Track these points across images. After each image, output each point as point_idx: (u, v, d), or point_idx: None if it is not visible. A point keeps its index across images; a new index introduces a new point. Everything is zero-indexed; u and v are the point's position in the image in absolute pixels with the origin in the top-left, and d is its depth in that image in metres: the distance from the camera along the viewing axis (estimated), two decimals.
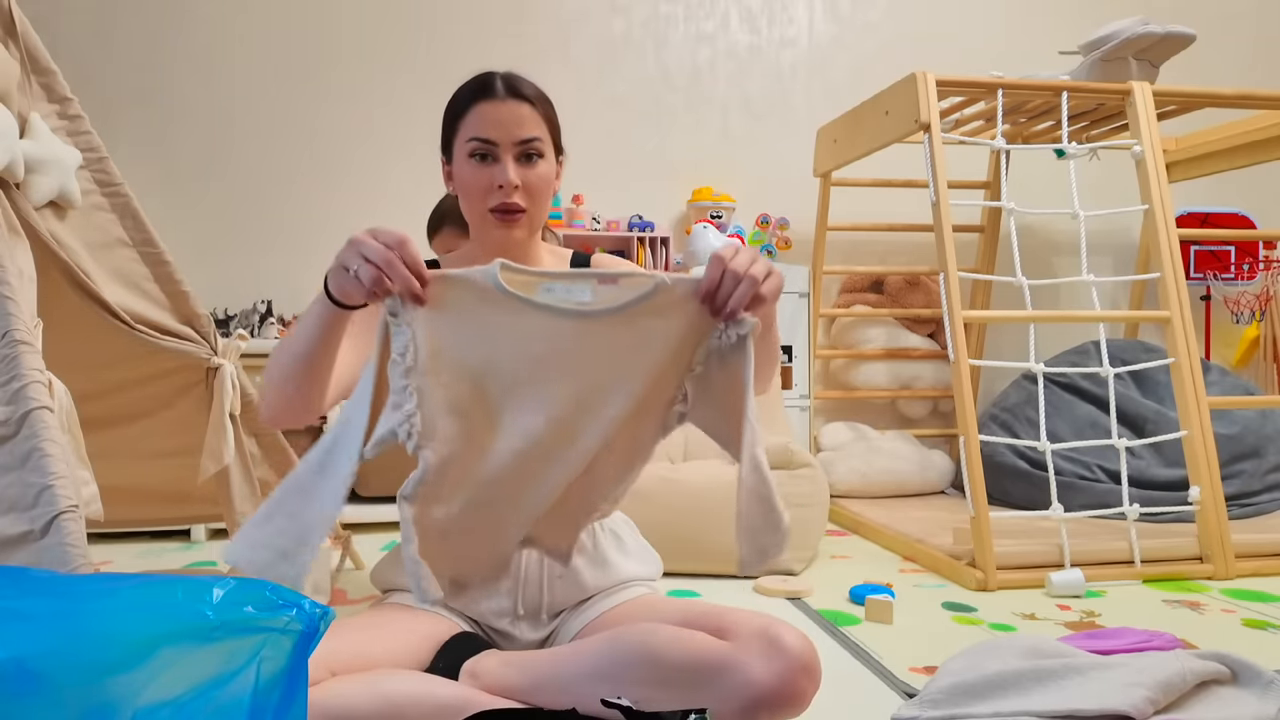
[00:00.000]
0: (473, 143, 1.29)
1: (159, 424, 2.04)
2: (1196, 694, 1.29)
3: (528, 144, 1.30)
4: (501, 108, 1.29)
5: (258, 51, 3.50)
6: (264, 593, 0.76)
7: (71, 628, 0.72)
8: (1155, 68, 2.97)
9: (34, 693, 0.69)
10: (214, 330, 1.94)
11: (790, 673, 1.09)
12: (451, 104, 1.35)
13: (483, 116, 1.29)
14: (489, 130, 1.29)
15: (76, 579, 0.81)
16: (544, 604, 1.33)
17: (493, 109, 1.29)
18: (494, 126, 1.29)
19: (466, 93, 1.32)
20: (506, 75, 1.33)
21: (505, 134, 1.29)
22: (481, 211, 1.32)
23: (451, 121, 1.34)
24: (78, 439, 1.43)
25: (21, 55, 1.61)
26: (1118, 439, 2.48)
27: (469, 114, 1.31)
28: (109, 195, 1.79)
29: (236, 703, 0.73)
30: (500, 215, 1.31)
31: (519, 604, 1.33)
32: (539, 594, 1.33)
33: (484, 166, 1.30)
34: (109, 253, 1.75)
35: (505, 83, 1.31)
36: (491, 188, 1.30)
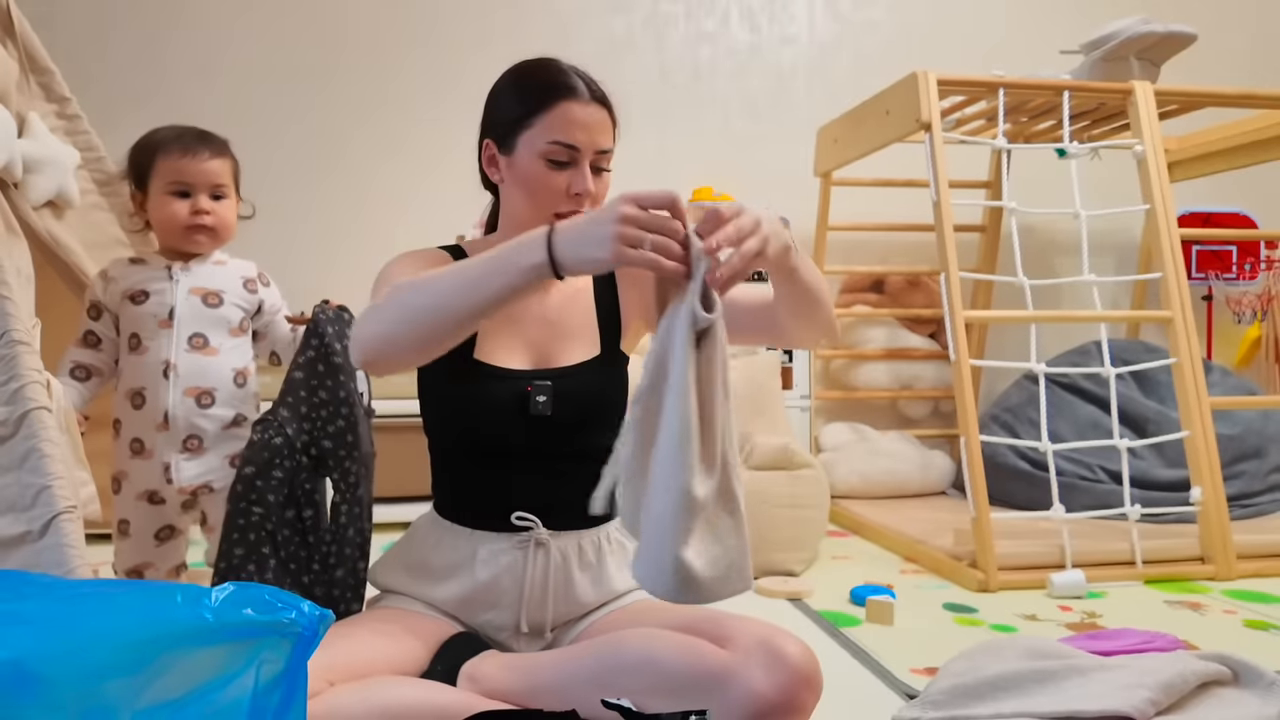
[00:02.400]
0: (554, 146, 1.23)
1: None
2: (1198, 695, 1.28)
3: (604, 155, 1.27)
4: (588, 112, 1.24)
5: (257, 51, 3.49)
6: (263, 595, 0.76)
7: (70, 630, 0.71)
8: (1157, 67, 2.96)
9: (33, 695, 0.68)
10: None
11: (792, 684, 1.07)
12: (521, 93, 1.27)
13: (569, 119, 1.23)
14: (575, 135, 1.23)
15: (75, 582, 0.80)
16: (548, 620, 1.31)
17: (580, 112, 1.24)
18: (581, 131, 1.23)
19: (546, 87, 1.25)
20: (586, 75, 1.27)
21: (590, 141, 1.24)
22: (546, 215, 1.25)
23: (523, 113, 1.26)
24: (76, 439, 1.43)
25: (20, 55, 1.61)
26: (1119, 439, 2.48)
27: (551, 112, 1.23)
28: (107, 195, 1.79)
29: (236, 705, 0.73)
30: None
31: (522, 621, 1.30)
32: (543, 609, 1.31)
33: (559, 171, 1.24)
34: (107, 252, 1.75)
35: (588, 84, 1.26)
36: (565, 194, 1.24)
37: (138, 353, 1.53)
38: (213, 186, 1.55)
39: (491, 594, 1.30)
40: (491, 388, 1.29)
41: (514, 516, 1.28)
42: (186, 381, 1.54)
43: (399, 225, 3.50)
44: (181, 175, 1.53)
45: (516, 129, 1.26)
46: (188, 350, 1.53)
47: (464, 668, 1.21)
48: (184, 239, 1.56)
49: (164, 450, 1.54)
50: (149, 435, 1.54)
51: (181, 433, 1.54)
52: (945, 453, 3.57)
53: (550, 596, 1.30)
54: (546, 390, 1.29)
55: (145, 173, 1.55)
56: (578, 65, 1.29)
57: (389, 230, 3.53)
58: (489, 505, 1.31)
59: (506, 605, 1.30)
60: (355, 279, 1.88)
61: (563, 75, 1.26)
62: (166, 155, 1.53)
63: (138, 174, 1.57)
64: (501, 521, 1.30)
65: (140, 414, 1.53)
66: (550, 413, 1.28)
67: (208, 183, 1.55)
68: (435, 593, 1.32)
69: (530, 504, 1.30)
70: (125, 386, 1.55)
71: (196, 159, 1.53)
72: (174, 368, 1.52)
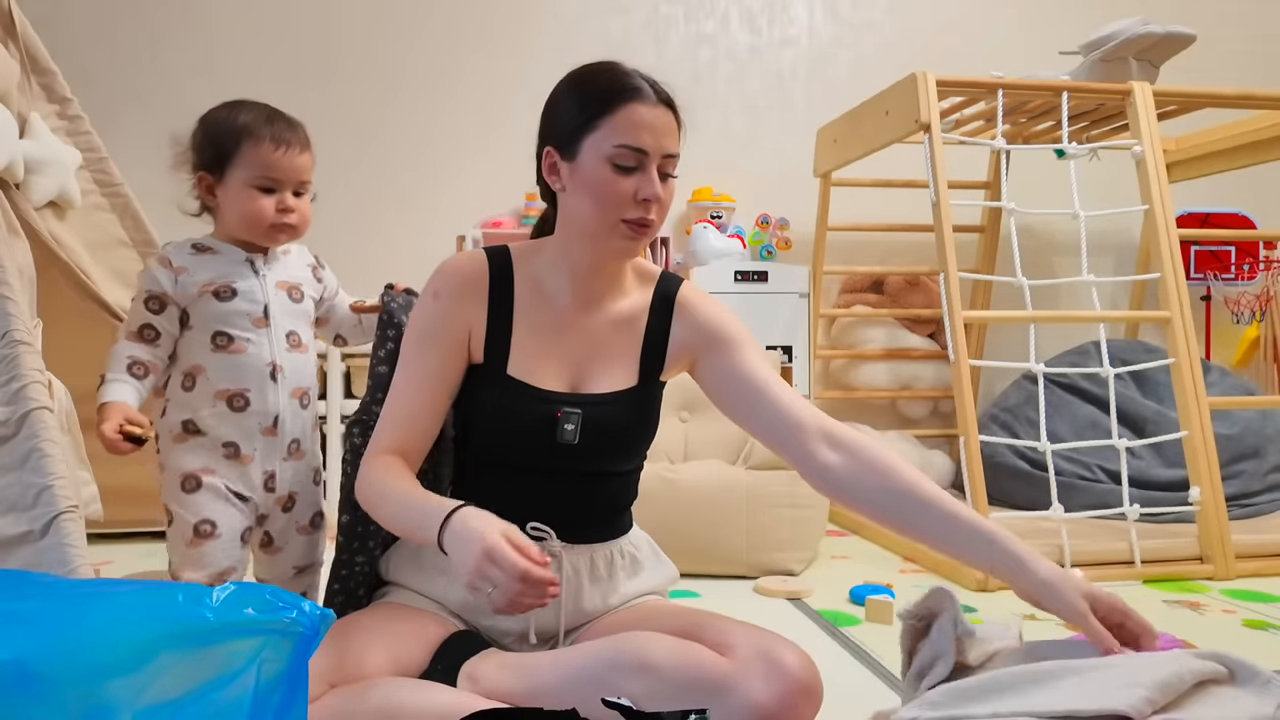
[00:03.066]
0: (621, 150, 1.19)
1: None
2: (1195, 694, 1.28)
3: (671, 160, 1.22)
4: (656, 114, 1.20)
5: (258, 51, 3.50)
6: (264, 595, 0.76)
7: (72, 630, 0.72)
8: (1155, 68, 2.97)
9: (34, 695, 0.69)
10: None
11: (791, 695, 1.07)
12: (585, 96, 1.23)
13: (636, 122, 1.19)
14: (644, 138, 1.19)
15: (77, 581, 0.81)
16: (560, 630, 1.31)
17: (648, 114, 1.20)
18: (649, 134, 1.19)
19: (611, 90, 1.21)
20: (650, 78, 1.23)
21: (657, 144, 1.20)
22: (613, 221, 1.21)
23: (588, 117, 1.21)
24: (78, 439, 1.43)
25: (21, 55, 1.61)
26: (1118, 439, 2.48)
27: (617, 114, 1.19)
28: (109, 195, 1.79)
29: (237, 704, 0.73)
30: (635, 227, 1.22)
31: (531, 631, 1.30)
32: (554, 620, 1.30)
33: (626, 176, 1.20)
34: (109, 253, 1.75)
35: (654, 86, 1.22)
36: (633, 199, 1.20)
37: (229, 351, 1.39)
38: (299, 183, 1.43)
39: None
40: (521, 406, 1.27)
41: (529, 527, 1.26)
42: (292, 383, 1.43)
43: (399, 224, 3.51)
44: (272, 171, 1.39)
45: (580, 134, 1.21)
46: (288, 350, 1.42)
47: (464, 667, 1.22)
48: (266, 236, 1.43)
49: (268, 457, 1.42)
50: (250, 440, 1.41)
51: (287, 437, 1.44)
52: (944, 452, 3.58)
53: (561, 608, 1.29)
54: (575, 419, 1.26)
55: (225, 158, 1.41)
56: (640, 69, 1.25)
57: (389, 229, 3.53)
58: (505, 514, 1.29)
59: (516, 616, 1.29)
60: (355, 278, 1.87)
61: (627, 77, 1.22)
62: (256, 145, 1.39)
63: (215, 156, 1.42)
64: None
65: (241, 417, 1.39)
66: (576, 441, 1.26)
67: (295, 179, 1.42)
68: (443, 591, 1.32)
69: (546, 516, 1.28)
70: (215, 387, 1.40)
71: (289, 153, 1.41)
72: (280, 370, 1.41)
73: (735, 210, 3.71)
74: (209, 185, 1.42)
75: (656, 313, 1.34)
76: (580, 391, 1.30)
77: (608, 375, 1.31)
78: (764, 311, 3.46)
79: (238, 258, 1.43)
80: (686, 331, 1.34)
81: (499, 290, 1.30)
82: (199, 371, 1.40)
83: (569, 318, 1.31)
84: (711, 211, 3.66)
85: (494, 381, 1.28)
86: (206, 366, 1.40)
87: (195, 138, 1.43)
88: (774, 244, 3.65)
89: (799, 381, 3.49)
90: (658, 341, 1.34)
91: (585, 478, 1.31)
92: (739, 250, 3.53)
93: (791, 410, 1.26)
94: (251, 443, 1.40)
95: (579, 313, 1.32)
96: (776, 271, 3.50)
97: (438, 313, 1.28)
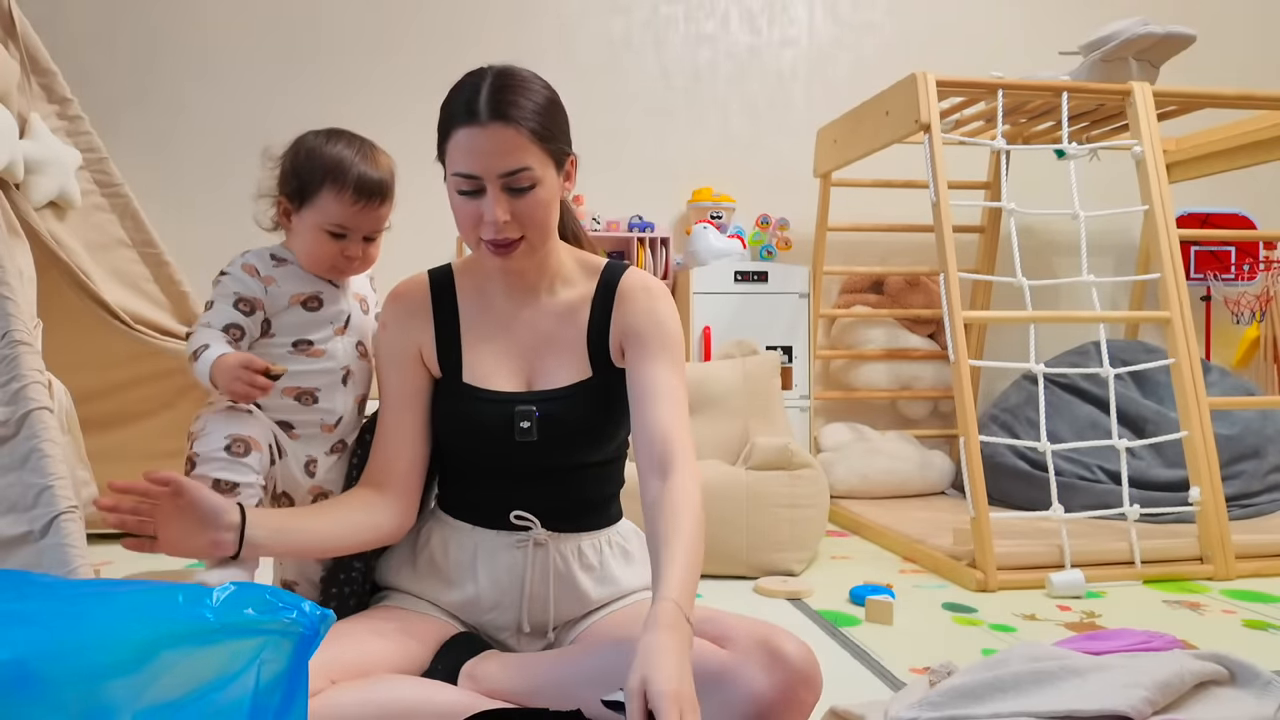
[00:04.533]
0: (456, 177, 1.19)
1: (159, 424, 2.04)
2: (1195, 694, 1.29)
3: (515, 175, 1.17)
4: (484, 136, 1.16)
5: (258, 51, 3.50)
6: (264, 595, 0.76)
7: (72, 630, 0.72)
8: (1155, 68, 2.97)
9: (34, 695, 0.69)
10: None
11: (791, 684, 1.08)
12: (440, 117, 1.23)
13: (465, 147, 1.17)
14: (471, 164, 1.17)
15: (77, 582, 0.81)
16: (550, 619, 1.32)
17: (475, 138, 1.16)
18: (477, 159, 1.17)
19: (450, 111, 1.20)
20: (495, 87, 1.17)
21: (488, 167, 1.16)
22: (474, 241, 1.24)
23: (439, 139, 1.23)
24: (78, 439, 1.43)
25: (22, 56, 1.61)
26: (1118, 439, 2.48)
27: (451, 140, 1.19)
28: (109, 196, 1.79)
29: (237, 705, 0.73)
30: (494, 247, 1.22)
31: (524, 621, 1.31)
32: (545, 609, 1.31)
33: (470, 199, 1.19)
34: (109, 253, 1.75)
35: (491, 101, 1.16)
36: (480, 222, 1.20)
37: (308, 355, 1.43)
38: (370, 231, 1.44)
39: (493, 594, 1.31)
40: (479, 410, 1.31)
41: (512, 515, 1.29)
42: (360, 388, 1.49)
43: (399, 222, 3.50)
44: (346, 223, 1.39)
45: (440, 156, 1.23)
46: (358, 357, 1.47)
47: (464, 667, 1.22)
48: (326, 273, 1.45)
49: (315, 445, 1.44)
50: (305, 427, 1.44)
51: (339, 436, 1.47)
52: (944, 453, 3.58)
53: (552, 596, 1.31)
54: (530, 416, 1.28)
55: (306, 193, 1.40)
56: (506, 69, 1.20)
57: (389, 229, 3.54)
58: (489, 506, 1.33)
59: (508, 605, 1.31)
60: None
61: (465, 97, 1.18)
62: (338, 195, 1.37)
63: (297, 188, 1.41)
64: (502, 520, 1.31)
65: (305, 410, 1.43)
66: (536, 438, 1.28)
67: (368, 229, 1.43)
68: (438, 592, 1.33)
69: (529, 507, 1.31)
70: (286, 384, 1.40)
71: (367, 208, 1.39)
72: (352, 375, 1.46)
73: (735, 210, 3.71)
74: (286, 211, 1.44)
75: (599, 301, 1.33)
76: (535, 389, 1.32)
77: (560, 369, 1.32)
78: (764, 312, 3.46)
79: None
80: (621, 321, 1.32)
81: (442, 305, 1.35)
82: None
83: (511, 316, 1.33)
84: (711, 212, 3.66)
85: (452, 391, 1.33)
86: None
87: (285, 161, 1.43)
88: (774, 244, 3.65)
89: (799, 382, 3.49)
90: (601, 330, 1.32)
91: (557, 472, 1.32)
92: (739, 250, 3.53)
93: (655, 429, 1.22)
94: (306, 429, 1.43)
95: (520, 309, 1.33)
96: (776, 271, 3.50)
97: (387, 340, 1.35)
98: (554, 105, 1.23)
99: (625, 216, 3.65)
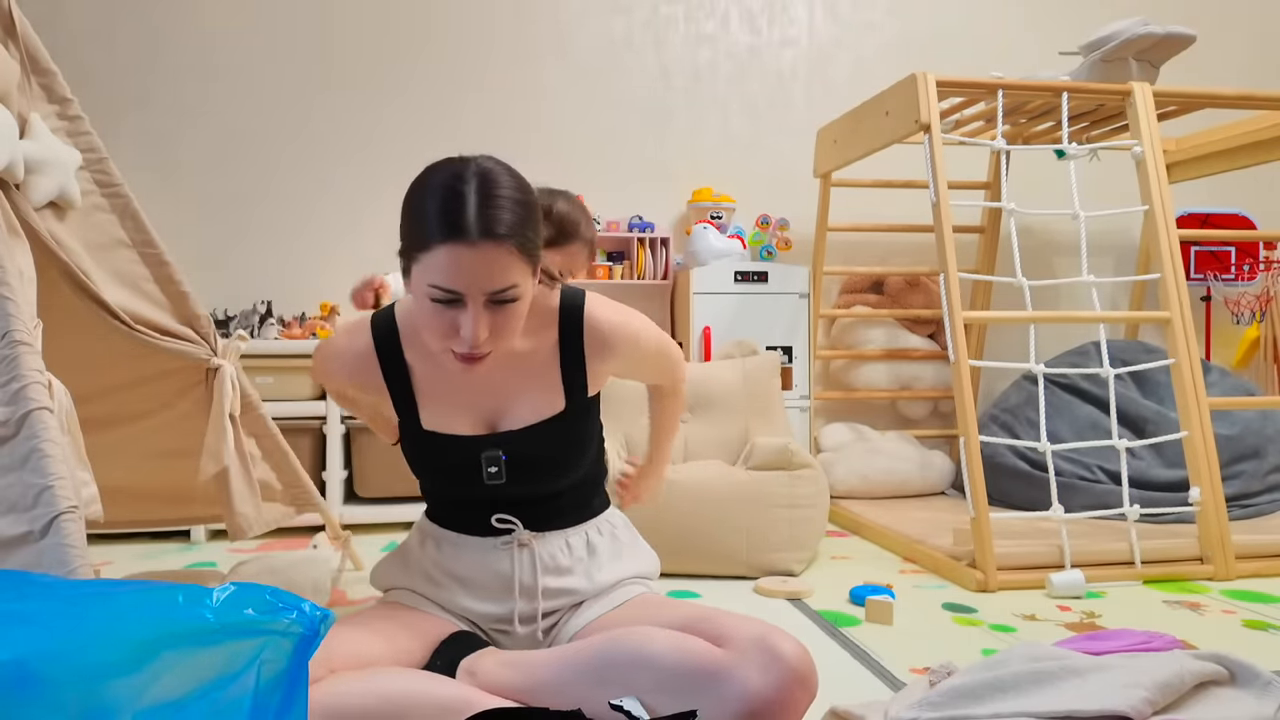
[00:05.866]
0: (434, 289, 1.12)
1: (159, 425, 2.04)
2: (1195, 695, 1.29)
3: (502, 292, 1.13)
4: (473, 255, 1.09)
5: (258, 52, 3.50)
6: (264, 596, 0.76)
7: (72, 630, 0.72)
8: (1155, 68, 2.97)
9: (35, 695, 0.69)
10: (214, 331, 1.94)
11: (787, 683, 1.09)
12: (413, 224, 1.14)
13: (449, 264, 1.10)
14: (455, 281, 1.11)
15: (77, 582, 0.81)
16: (539, 609, 1.34)
17: (462, 257, 1.09)
18: (462, 277, 1.10)
19: (428, 224, 1.11)
20: (481, 198, 1.11)
21: (474, 285, 1.11)
22: (442, 348, 1.18)
23: (412, 245, 1.14)
24: (78, 439, 1.43)
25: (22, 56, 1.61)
26: (1118, 440, 2.48)
27: (431, 251, 1.10)
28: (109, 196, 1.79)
29: (237, 705, 0.73)
30: (462, 359, 1.18)
31: (515, 616, 1.34)
32: (533, 602, 1.34)
33: (446, 310, 1.14)
34: (109, 253, 1.75)
35: (480, 217, 1.10)
36: (453, 334, 1.15)
37: None
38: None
39: (483, 591, 1.34)
40: (444, 454, 1.33)
41: (494, 519, 1.34)
42: None
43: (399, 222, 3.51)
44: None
45: (409, 256, 1.16)
46: None
47: (463, 662, 1.22)
48: None
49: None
50: None
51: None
52: (944, 453, 3.58)
53: (540, 589, 1.34)
54: (497, 460, 1.30)
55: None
56: (489, 176, 1.14)
57: (390, 227, 3.53)
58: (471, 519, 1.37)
59: (500, 601, 1.34)
60: (356, 276, 1.88)
61: (447, 212, 1.10)
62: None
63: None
64: (485, 527, 1.36)
65: None
66: (504, 480, 1.31)
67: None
68: (432, 590, 1.35)
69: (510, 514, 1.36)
70: None
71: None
72: None
73: (735, 210, 3.71)
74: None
75: (567, 338, 1.33)
76: (499, 430, 1.33)
77: (524, 409, 1.33)
78: (764, 312, 3.46)
79: None
80: (598, 355, 1.34)
81: (389, 360, 1.34)
82: None
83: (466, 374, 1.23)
84: (711, 212, 3.66)
85: (414, 435, 1.35)
86: None
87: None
88: (774, 244, 3.65)
89: (799, 382, 3.49)
90: (575, 367, 1.34)
91: (531, 497, 1.36)
92: (739, 250, 3.53)
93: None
94: None
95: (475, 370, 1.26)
96: (776, 272, 3.50)
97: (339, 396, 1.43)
98: (530, 207, 1.17)
99: (625, 216, 3.65)
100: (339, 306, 3.25)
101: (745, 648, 1.11)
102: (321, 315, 3.24)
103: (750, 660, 1.09)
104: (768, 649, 1.10)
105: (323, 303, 3.27)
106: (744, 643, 1.12)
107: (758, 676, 1.08)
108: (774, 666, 1.09)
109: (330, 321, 3.16)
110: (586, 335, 1.33)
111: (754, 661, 1.09)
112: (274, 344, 2.98)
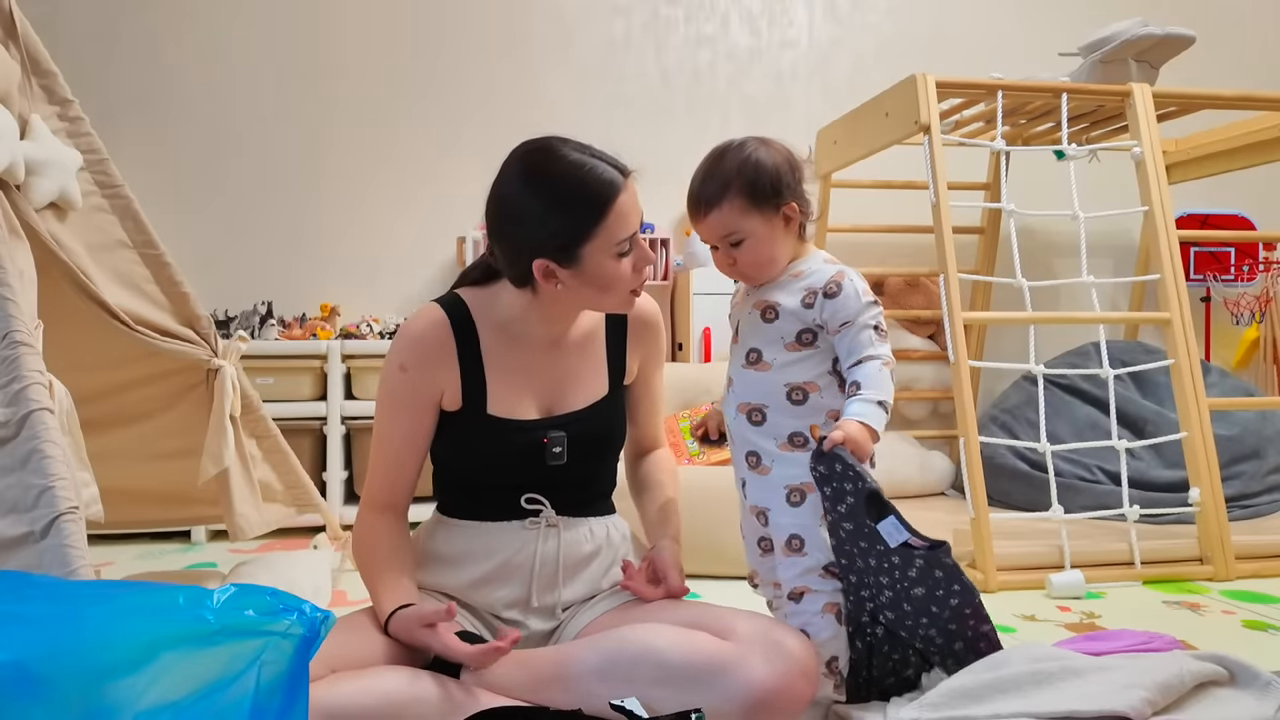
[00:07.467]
0: (621, 244, 1.28)
1: (160, 425, 2.04)
2: (1195, 695, 1.29)
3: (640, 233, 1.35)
4: (630, 195, 1.30)
5: (259, 53, 3.50)
6: (265, 597, 0.76)
7: (73, 631, 0.72)
8: (1155, 69, 2.97)
9: (35, 696, 0.69)
10: (214, 332, 1.94)
11: (791, 674, 1.10)
12: (568, 208, 1.26)
13: (624, 215, 1.28)
14: (632, 224, 1.30)
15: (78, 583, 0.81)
16: (559, 599, 1.35)
17: (628, 201, 1.29)
18: (635, 218, 1.31)
19: (594, 195, 1.27)
20: (605, 155, 1.32)
21: (640, 220, 1.33)
22: (623, 297, 1.33)
23: (583, 229, 1.26)
24: (78, 440, 1.43)
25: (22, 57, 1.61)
26: (1118, 440, 2.48)
27: (608, 219, 1.27)
28: (110, 197, 1.79)
29: (237, 706, 0.73)
30: (637, 292, 1.36)
31: (533, 596, 1.34)
32: (554, 587, 1.35)
33: (626, 258, 1.30)
34: (110, 254, 1.75)
35: (616, 164, 1.32)
36: (634, 273, 1.31)
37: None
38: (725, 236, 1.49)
39: (503, 570, 1.34)
40: (509, 440, 1.34)
41: (524, 499, 1.34)
42: (739, 397, 1.45)
43: (400, 223, 3.51)
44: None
45: (578, 244, 1.25)
46: (743, 366, 1.45)
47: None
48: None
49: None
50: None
51: (736, 446, 1.48)
52: (944, 453, 3.58)
53: (561, 574, 1.34)
54: (561, 441, 1.34)
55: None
56: (584, 141, 1.31)
57: (390, 228, 3.53)
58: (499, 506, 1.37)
59: (518, 581, 1.34)
60: (357, 277, 1.87)
61: (599, 172, 1.26)
62: None
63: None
64: (512, 511, 1.35)
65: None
66: (566, 460, 1.34)
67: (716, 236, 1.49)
68: (444, 579, 1.35)
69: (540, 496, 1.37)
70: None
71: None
72: (732, 383, 1.47)
73: None
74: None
75: (612, 330, 1.45)
76: (556, 413, 1.37)
77: (581, 392, 1.39)
78: None
79: None
80: (640, 349, 1.47)
81: (465, 345, 1.35)
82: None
83: (540, 356, 1.37)
84: None
85: (476, 422, 1.34)
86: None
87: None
88: None
89: None
90: (618, 353, 1.44)
91: (574, 478, 1.38)
92: None
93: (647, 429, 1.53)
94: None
95: (549, 350, 1.39)
96: None
97: (405, 383, 1.33)
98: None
99: None
100: (339, 307, 3.26)
101: (751, 640, 1.13)
102: (321, 316, 3.24)
103: (755, 652, 1.11)
104: (772, 642, 1.12)
105: (323, 303, 3.27)
106: (748, 636, 1.14)
107: (762, 668, 1.10)
108: (778, 658, 1.10)
109: (330, 322, 3.17)
110: (631, 319, 1.44)
111: (758, 654, 1.11)
112: (274, 344, 2.98)
